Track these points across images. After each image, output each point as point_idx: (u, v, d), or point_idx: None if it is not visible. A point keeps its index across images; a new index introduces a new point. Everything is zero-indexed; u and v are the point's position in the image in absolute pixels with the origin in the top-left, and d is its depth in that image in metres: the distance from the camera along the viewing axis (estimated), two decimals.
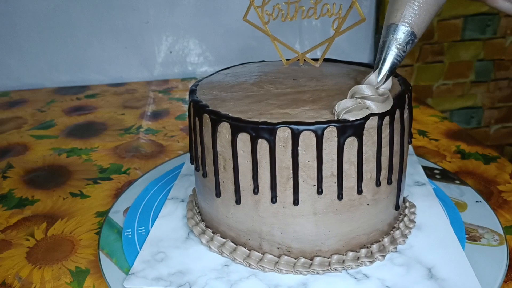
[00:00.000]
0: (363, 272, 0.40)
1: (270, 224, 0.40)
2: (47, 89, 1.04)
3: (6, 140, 0.75)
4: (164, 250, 0.45)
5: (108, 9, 1.01)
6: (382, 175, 0.39)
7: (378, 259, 0.41)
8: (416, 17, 0.38)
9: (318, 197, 0.38)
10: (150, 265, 0.43)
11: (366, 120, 0.36)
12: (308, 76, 0.46)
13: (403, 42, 0.38)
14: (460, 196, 0.52)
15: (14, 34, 1.00)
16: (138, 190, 0.56)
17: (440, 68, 1.13)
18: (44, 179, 0.62)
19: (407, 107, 0.41)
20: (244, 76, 0.48)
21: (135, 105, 0.91)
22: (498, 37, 1.12)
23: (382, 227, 0.43)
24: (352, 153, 0.37)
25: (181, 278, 0.41)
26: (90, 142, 0.74)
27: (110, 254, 0.45)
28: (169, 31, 1.06)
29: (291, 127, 0.36)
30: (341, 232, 0.40)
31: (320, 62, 0.47)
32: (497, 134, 1.24)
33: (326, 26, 1.08)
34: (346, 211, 0.39)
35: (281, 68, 0.49)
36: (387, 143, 0.39)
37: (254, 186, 0.39)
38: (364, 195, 0.39)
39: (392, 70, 0.39)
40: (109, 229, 0.49)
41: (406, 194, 0.50)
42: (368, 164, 0.38)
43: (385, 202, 0.41)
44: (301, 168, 0.37)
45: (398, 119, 0.39)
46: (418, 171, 0.56)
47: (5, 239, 0.49)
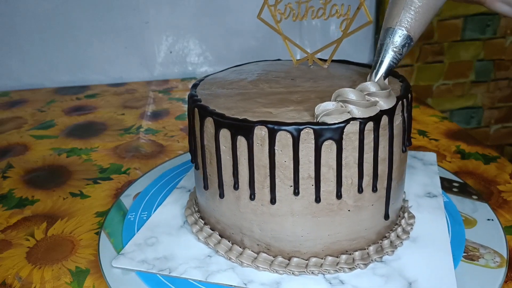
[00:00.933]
0: (340, 278, 0.40)
1: (249, 220, 0.41)
2: (47, 89, 1.04)
3: (6, 140, 0.75)
4: (158, 235, 0.47)
5: (108, 9, 1.01)
6: (365, 182, 0.38)
7: (359, 266, 0.40)
8: (413, 21, 0.39)
9: (295, 198, 0.38)
10: (140, 248, 0.45)
11: (345, 124, 0.36)
12: (307, 77, 0.46)
13: (400, 45, 0.40)
14: (472, 212, 0.49)
15: (14, 34, 1.01)
16: (153, 177, 0.59)
17: (440, 68, 1.13)
18: (44, 179, 0.62)
19: (402, 114, 0.40)
20: (247, 73, 0.49)
21: (135, 105, 0.91)
22: (498, 37, 1.12)
23: (368, 235, 0.42)
24: (330, 156, 0.37)
25: (164, 263, 0.43)
26: (90, 142, 0.74)
27: (110, 235, 0.48)
28: (169, 31, 1.06)
29: (268, 126, 0.36)
30: (319, 236, 0.40)
31: (328, 63, 0.47)
32: (497, 134, 1.24)
33: (326, 26, 1.08)
34: (324, 215, 0.39)
35: (286, 68, 0.49)
36: (370, 150, 0.37)
37: (234, 182, 0.40)
38: (345, 200, 0.39)
39: (388, 72, 0.40)
40: (117, 211, 0.52)
41: (411, 205, 0.49)
42: (349, 169, 0.37)
43: (370, 210, 0.40)
44: (278, 168, 0.37)
45: (385, 126, 0.38)
46: (434, 182, 0.54)
47: (5, 239, 0.49)
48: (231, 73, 0.50)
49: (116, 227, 0.49)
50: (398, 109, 0.39)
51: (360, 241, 0.41)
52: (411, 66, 1.11)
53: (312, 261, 0.41)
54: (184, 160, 0.63)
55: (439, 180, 0.54)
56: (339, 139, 0.36)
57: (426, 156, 0.60)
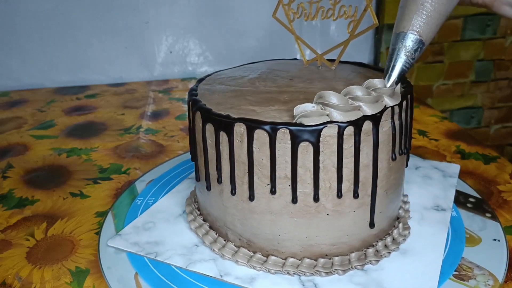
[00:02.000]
0: (315, 281, 0.40)
1: (232, 214, 0.42)
2: (47, 89, 1.04)
3: (6, 140, 0.75)
4: (156, 221, 0.49)
5: (108, 9, 1.01)
6: (345, 187, 0.38)
7: (337, 272, 0.40)
8: (425, 25, 0.39)
9: (272, 196, 0.39)
10: (137, 231, 0.48)
11: (323, 127, 0.35)
12: (306, 78, 0.46)
13: (412, 49, 0.39)
14: (479, 230, 0.46)
15: (14, 34, 1.01)
16: (172, 165, 0.62)
17: (440, 68, 1.13)
18: (44, 179, 0.62)
19: (391, 120, 0.39)
20: (252, 71, 0.49)
21: (135, 105, 0.91)
22: (498, 37, 1.12)
23: (350, 242, 0.41)
24: (307, 158, 0.37)
25: (153, 247, 0.45)
26: (90, 142, 0.74)
27: (115, 216, 0.51)
28: (169, 31, 1.06)
29: (246, 124, 0.37)
30: (297, 236, 0.40)
31: (335, 64, 0.47)
32: (497, 134, 1.24)
33: (325, 27, 1.08)
34: (302, 216, 0.39)
35: (294, 67, 0.50)
36: (351, 155, 0.37)
37: (218, 176, 0.41)
38: (323, 203, 0.38)
39: (400, 76, 0.40)
40: (128, 195, 0.55)
41: (412, 216, 0.48)
42: (327, 172, 0.37)
43: (351, 216, 0.40)
44: (256, 166, 0.38)
45: (368, 131, 0.37)
46: (448, 195, 0.52)
47: (5, 239, 0.49)
48: (238, 70, 0.51)
49: (123, 209, 0.52)
50: (386, 115, 0.38)
51: (341, 247, 0.41)
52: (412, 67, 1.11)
53: (289, 261, 0.41)
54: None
55: (454, 193, 0.52)
56: (316, 142, 0.36)
57: (448, 168, 0.58)
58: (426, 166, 0.58)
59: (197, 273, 0.42)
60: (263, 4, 1.06)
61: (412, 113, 0.43)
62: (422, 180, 0.55)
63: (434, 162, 0.60)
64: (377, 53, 1.11)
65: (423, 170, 0.57)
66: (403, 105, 0.40)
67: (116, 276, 0.42)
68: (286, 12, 0.48)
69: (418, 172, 0.57)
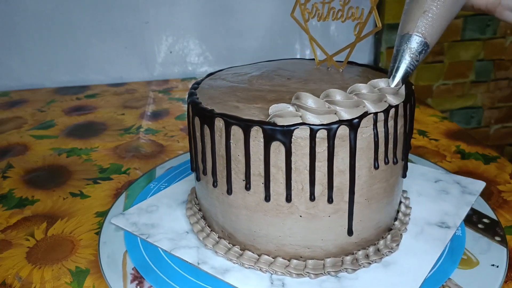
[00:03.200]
0: (284, 281, 0.40)
1: (215, 206, 0.43)
2: (47, 89, 1.04)
3: (6, 140, 0.75)
4: (160, 205, 0.52)
5: (108, 9, 1.01)
6: (318, 190, 0.38)
7: (309, 275, 0.40)
8: (430, 27, 0.39)
9: (247, 192, 0.39)
10: (140, 212, 0.50)
11: (294, 128, 0.35)
12: (304, 79, 0.46)
13: (416, 51, 0.39)
14: (480, 253, 0.43)
15: (14, 34, 1.01)
16: None
17: (440, 68, 1.13)
18: (44, 179, 0.62)
19: (374, 127, 0.37)
20: (259, 69, 0.50)
21: (135, 105, 0.91)
22: (498, 37, 1.12)
23: (325, 247, 0.41)
24: (279, 158, 0.37)
25: (148, 229, 0.48)
26: (90, 142, 0.74)
27: (128, 196, 0.55)
28: (169, 31, 1.06)
29: (224, 119, 0.38)
30: (271, 235, 0.40)
31: (343, 67, 0.46)
32: (497, 134, 1.24)
33: (326, 27, 1.08)
34: (275, 215, 0.39)
35: (300, 68, 0.49)
36: (324, 159, 0.36)
37: (203, 167, 0.42)
38: (296, 205, 0.38)
39: (405, 77, 0.40)
40: (146, 179, 0.59)
41: (412, 230, 0.46)
42: (299, 174, 0.37)
43: (326, 221, 0.39)
44: (233, 161, 0.39)
45: (344, 137, 0.36)
46: (459, 213, 0.48)
47: (5, 239, 0.49)
48: (248, 67, 0.52)
49: (136, 191, 0.56)
50: (367, 121, 0.37)
51: (316, 251, 0.41)
52: None
53: (263, 258, 0.41)
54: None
55: (467, 212, 0.49)
56: (288, 142, 0.36)
57: (471, 184, 0.54)
58: (447, 180, 0.55)
59: (178, 258, 0.43)
60: (263, 4, 1.06)
61: (409, 122, 0.42)
62: (437, 194, 0.52)
63: (458, 177, 0.56)
64: (377, 53, 1.11)
65: (442, 184, 0.54)
66: (391, 112, 0.38)
67: (107, 251, 0.45)
68: (302, 11, 0.48)
69: (436, 185, 0.54)
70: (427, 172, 0.57)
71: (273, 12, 1.06)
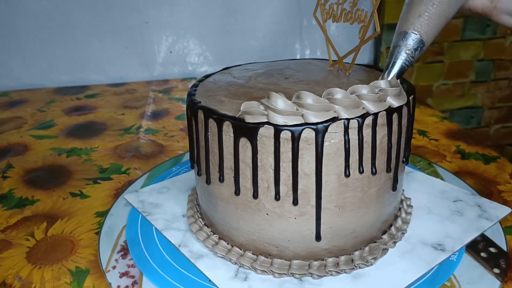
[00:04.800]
0: (248, 275, 0.41)
1: (201, 195, 0.45)
2: (47, 89, 1.04)
3: (6, 140, 0.75)
4: (171, 188, 0.55)
5: (108, 9, 1.01)
6: (283, 190, 0.38)
7: (273, 274, 0.40)
8: (426, 26, 0.40)
9: (221, 184, 0.40)
10: (151, 192, 0.54)
11: (259, 126, 0.36)
12: (300, 79, 0.45)
13: (412, 48, 0.40)
14: (468, 283, 0.40)
15: (14, 34, 1.01)
16: None
17: (440, 68, 1.13)
18: (44, 179, 0.62)
19: (345, 134, 0.36)
20: (266, 67, 0.50)
21: (135, 105, 0.91)
22: (498, 37, 1.12)
23: (293, 248, 0.40)
24: (247, 154, 0.37)
25: (151, 208, 0.51)
26: (90, 142, 0.74)
27: (150, 176, 0.59)
28: (169, 31, 1.06)
29: (204, 112, 0.39)
30: (241, 228, 0.41)
31: (349, 70, 0.46)
32: (497, 134, 1.24)
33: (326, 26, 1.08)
34: (243, 210, 0.40)
35: (307, 68, 0.49)
36: (288, 160, 0.36)
37: (191, 156, 0.45)
38: (262, 202, 0.39)
39: (400, 73, 0.40)
40: (172, 162, 0.62)
41: (402, 247, 0.43)
42: (265, 172, 0.37)
43: (292, 222, 0.39)
44: (210, 152, 0.40)
45: (310, 140, 0.36)
46: (463, 237, 0.45)
47: (5, 239, 0.49)
48: (260, 64, 0.52)
49: (159, 172, 0.60)
50: (336, 127, 0.36)
51: (283, 251, 0.41)
52: (411, 66, 1.11)
53: (234, 250, 0.43)
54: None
55: (474, 237, 0.45)
56: (253, 140, 0.36)
57: (493, 209, 0.49)
58: (468, 201, 0.51)
59: (164, 237, 0.47)
60: (263, 4, 1.06)
61: (405, 133, 0.40)
62: (450, 214, 0.49)
63: (482, 199, 0.51)
64: (377, 53, 1.11)
65: (460, 204, 0.51)
66: (367, 120, 0.36)
67: (109, 223, 0.50)
68: (322, 11, 0.48)
69: (453, 205, 0.51)
70: (448, 190, 0.53)
71: (273, 12, 1.06)
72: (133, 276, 0.42)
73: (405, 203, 0.49)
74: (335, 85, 0.41)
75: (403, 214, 0.47)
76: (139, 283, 0.41)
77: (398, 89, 0.38)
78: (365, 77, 0.46)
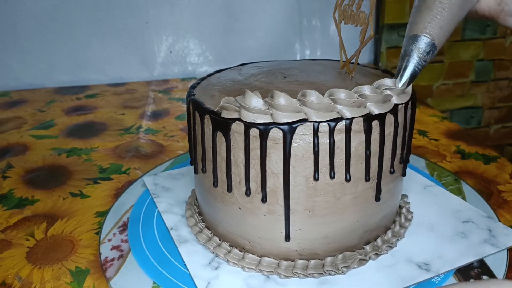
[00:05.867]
0: (221, 265, 0.42)
1: (195, 185, 0.48)
2: (47, 89, 1.04)
3: (6, 140, 0.75)
4: (187, 175, 0.57)
5: (108, 9, 1.01)
6: (253, 187, 0.38)
7: (243, 267, 0.41)
8: (438, 29, 0.39)
9: (205, 175, 0.42)
10: (167, 177, 0.58)
11: (231, 121, 0.37)
12: (296, 79, 0.45)
13: (424, 51, 0.39)
14: None
15: (14, 34, 1.01)
16: None
17: (440, 68, 1.13)
18: (44, 179, 0.62)
19: (315, 136, 0.35)
20: (272, 66, 0.50)
21: (135, 105, 0.91)
22: (498, 37, 1.12)
23: (263, 245, 0.41)
24: (222, 148, 0.39)
25: (161, 192, 0.54)
26: (90, 142, 0.74)
27: (174, 163, 0.63)
28: (169, 31, 1.06)
29: (192, 105, 0.41)
30: (219, 219, 0.43)
31: (351, 73, 0.45)
32: (497, 134, 1.24)
33: (325, 26, 1.08)
34: (220, 202, 0.41)
35: (313, 68, 0.49)
36: (257, 157, 0.37)
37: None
38: (235, 196, 0.40)
39: (413, 77, 0.39)
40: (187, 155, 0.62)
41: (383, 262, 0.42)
42: (237, 167, 0.38)
43: (262, 219, 0.39)
44: (196, 143, 0.42)
45: (277, 140, 0.36)
46: (456, 261, 0.41)
47: (5, 239, 0.49)
48: (270, 62, 0.52)
49: (181, 161, 0.63)
50: (305, 129, 0.35)
51: (255, 246, 0.41)
52: None
53: (213, 239, 0.44)
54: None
55: (468, 262, 0.41)
56: (227, 135, 0.37)
57: (505, 236, 0.45)
58: (479, 223, 0.47)
59: (161, 220, 0.49)
60: (263, 4, 1.06)
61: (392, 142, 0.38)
62: (452, 235, 0.45)
63: (497, 223, 0.47)
64: (377, 53, 1.11)
65: (469, 225, 0.46)
66: (339, 125, 0.36)
67: (120, 202, 0.54)
68: (339, 12, 0.48)
69: (460, 225, 0.46)
70: (463, 210, 0.49)
71: (273, 12, 1.06)
72: (122, 250, 0.45)
73: (403, 216, 0.47)
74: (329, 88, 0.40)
75: (396, 227, 0.45)
76: (125, 258, 0.44)
77: (380, 96, 0.37)
78: (368, 81, 0.45)
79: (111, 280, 0.41)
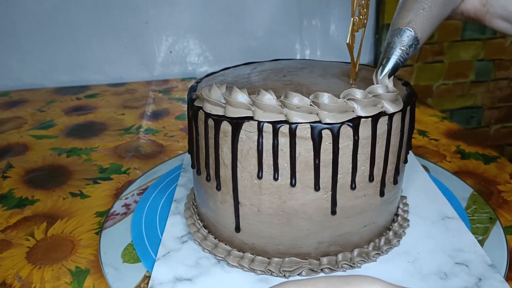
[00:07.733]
0: (210, 259, 0.43)
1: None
2: (47, 89, 1.04)
3: (6, 140, 0.75)
4: None
5: (108, 9, 1.01)
6: (211, 174, 0.40)
7: (203, 249, 0.43)
8: (421, 24, 0.40)
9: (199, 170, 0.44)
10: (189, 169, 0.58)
11: (196, 109, 0.39)
12: (293, 79, 0.44)
13: (407, 44, 0.40)
14: None
15: (14, 34, 1.01)
16: None
17: (440, 68, 1.13)
18: (44, 179, 0.62)
19: (291, 135, 0.35)
20: (280, 65, 0.51)
21: (135, 105, 0.91)
22: (498, 37, 1.12)
23: (226, 235, 0.43)
24: (210, 142, 0.40)
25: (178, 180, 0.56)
26: (90, 142, 0.74)
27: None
28: (169, 31, 1.06)
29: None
30: (210, 213, 0.44)
31: (352, 79, 0.44)
32: (497, 134, 1.24)
33: (326, 26, 1.08)
34: (210, 195, 0.42)
35: (317, 69, 0.48)
36: (213, 146, 0.39)
37: None
38: (202, 179, 0.42)
39: (395, 69, 0.40)
40: None
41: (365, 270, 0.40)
42: (203, 153, 0.41)
43: (219, 205, 0.41)
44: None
45: (227, 132, 0.37)
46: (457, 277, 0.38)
47: (5, 239, 0.49)
48: (283, 61, 0.53)
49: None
50: (250, 126, 0.36)
51: (217, 231, 0.44)
52: (411, 66, 1.11)
53: (201, 232, 0.46)
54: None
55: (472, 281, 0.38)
56: (197, 121, 0.40)
57: (499, 283, 0.38)
58: (473, 272, 0.39)
59: None
60: (263, 4, 1.06)
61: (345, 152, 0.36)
62: (432, 273, 0.40)
63: (497, 276, 0.39)
64: (377, 53, 1.11)
65: (460, 270, 0.40)
66: (285, 129, 0.35)
67: (157, 169, 0.61)
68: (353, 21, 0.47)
69: (450, 266, 0.41)
70: (467, 251, 0.42)
71: (273, 12, 1.06)
72: (128, 209, 0.51)
73: (384, 239, 0.43)
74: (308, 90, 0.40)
75: (369, 248, 0.42)
76: (125, 216, 0.50)
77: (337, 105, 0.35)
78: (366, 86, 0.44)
79: (104, 230, 0.47)
